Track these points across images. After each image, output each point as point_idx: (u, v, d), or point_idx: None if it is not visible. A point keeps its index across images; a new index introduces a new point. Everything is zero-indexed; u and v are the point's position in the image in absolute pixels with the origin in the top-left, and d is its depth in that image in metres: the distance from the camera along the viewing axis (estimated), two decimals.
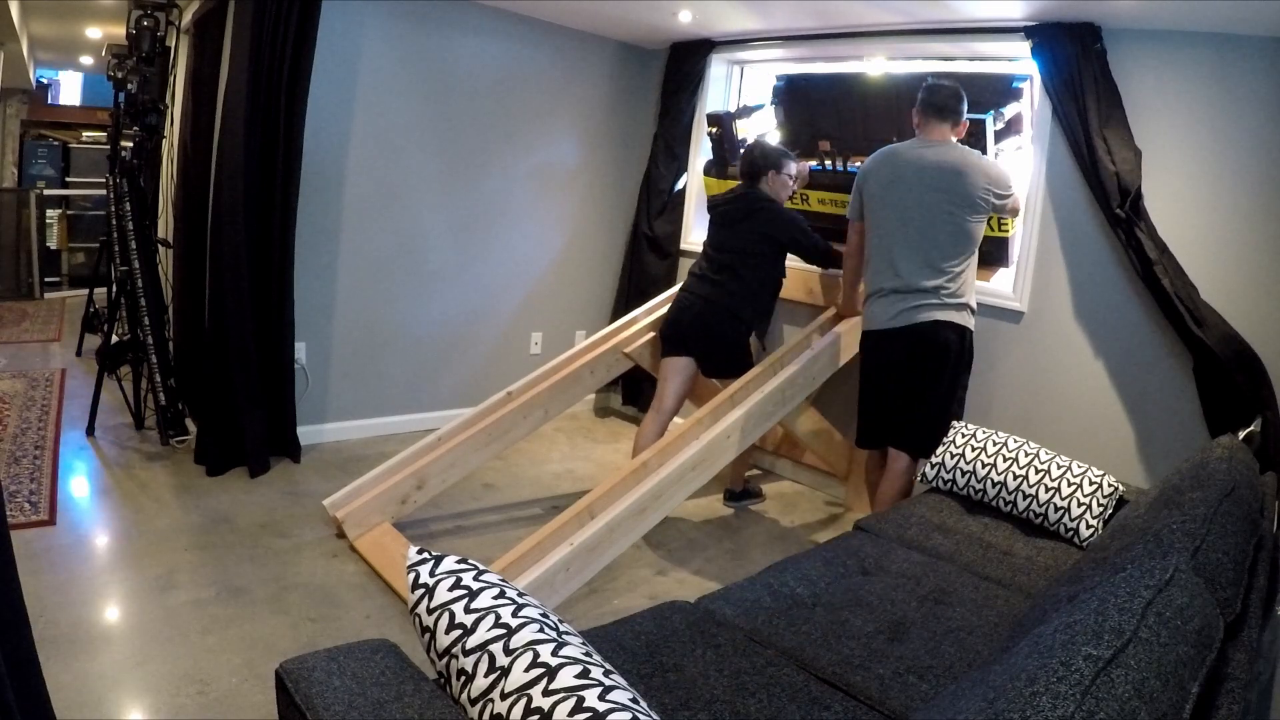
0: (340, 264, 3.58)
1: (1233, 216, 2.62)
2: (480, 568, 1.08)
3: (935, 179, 2.60)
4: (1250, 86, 2.56)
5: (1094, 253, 2.91)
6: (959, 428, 2.62)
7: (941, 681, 1.53)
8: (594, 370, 3.32)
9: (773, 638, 1.65)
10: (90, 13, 5.24)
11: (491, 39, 3.83)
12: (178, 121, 3.80)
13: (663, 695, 1.38)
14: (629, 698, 0.88)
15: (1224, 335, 2.55)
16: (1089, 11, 2.70)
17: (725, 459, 2.76)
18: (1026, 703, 0.85)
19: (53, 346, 4.97)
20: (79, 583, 2.30)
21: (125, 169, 3.36)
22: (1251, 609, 1.31)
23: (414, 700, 0.99)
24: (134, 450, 3.34)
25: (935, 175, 2.60)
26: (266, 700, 1.87)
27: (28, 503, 2.74)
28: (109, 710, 1.81)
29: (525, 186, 4.14)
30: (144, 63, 3.31)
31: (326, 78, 3.27)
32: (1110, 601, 1.02)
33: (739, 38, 3.95)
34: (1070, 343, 2.99)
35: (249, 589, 2.38)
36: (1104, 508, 2.27)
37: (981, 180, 2.59)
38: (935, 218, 2.61)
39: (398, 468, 2.88)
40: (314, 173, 3.31)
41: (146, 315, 3.34)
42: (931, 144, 2.66)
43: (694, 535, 3.14)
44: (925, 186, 2.61)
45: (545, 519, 2.54)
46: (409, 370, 3.91)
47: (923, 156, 2.64)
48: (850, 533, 2.32)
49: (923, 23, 3.23)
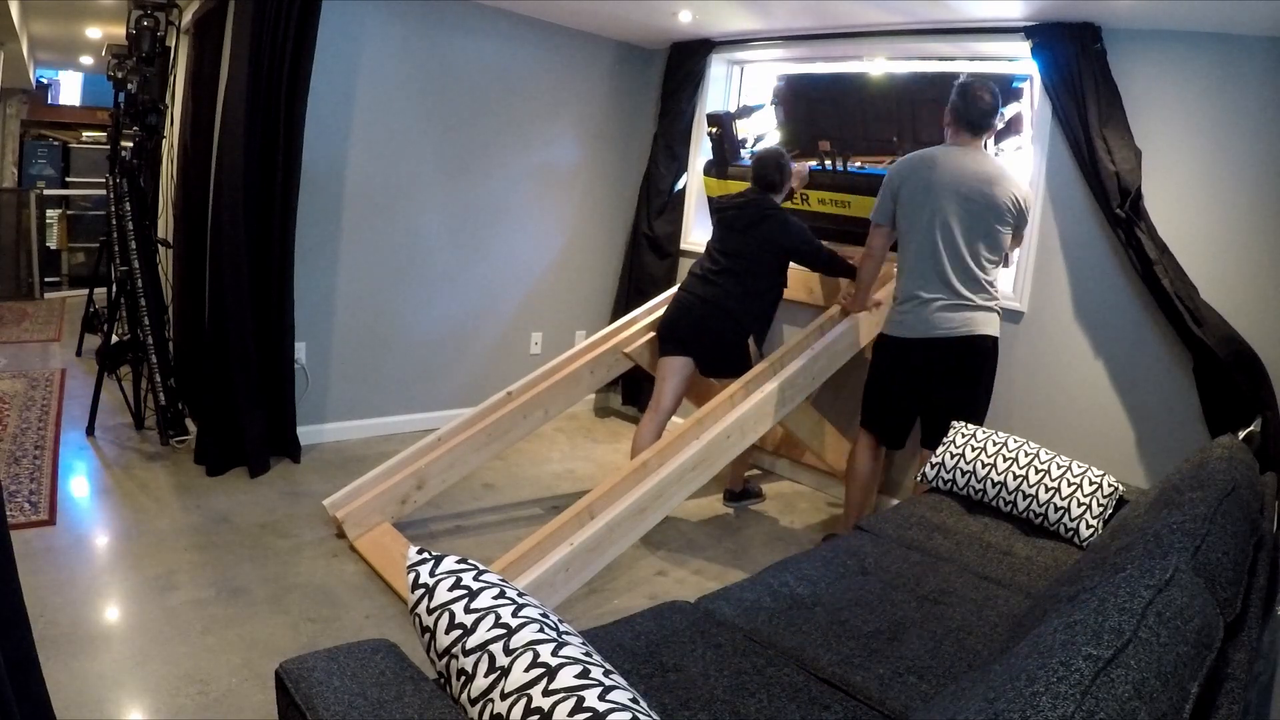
0: (340, 264, 3.58)
1: (1233, 216, 2.62)
2: (480, 568, 1.08)
3: (975, 188, 2.60)
4: (1250, 86, 2.56)
5: (1094, 253, 2.91)
6: (959, 427, 2.62)
7: (941, 681, 1.53)
8: (594, 370, 3.32)
9: (773, 638, 1.65)
10: (90, 13, 5.23)
11: (491, 39, 3.83)
12: (178, 121, 3.80)
13: (663, 695, 1.38)
14: (629, 698, 0.88)
15: (1224, 335, 2.55)
16: (1089, 11, 2.70)
17: (725, 459, 2.76)
18: (1026, 703, 0.85)
19: (53, 346, 4.97)
20: (79, 583, 2.30)
21: (125, 169, 3.36)
22: (1251, 609, 1.31)
23: (414, 700, 0.99)
24: (134, 450, 3.34)
25: (975, 184, 2.60)
26: (266, 700, 1.87)
27: (28, 503, 2.74)
28: (109, 710, 1.81)
29: (526, 186, 4.14)
30: (144, 63, 3.31)
31: (326, 78, 3.27)
32: (1110, 601, 1.02)
33: (739, 38, 3.95)
34: (1070, 343, 2.99)
35: (249, 589, 2.38)
36: (1104, 508, 2.27)
37: (1015, 192, 2.63)
38: (976, 227, 2.62)
39: (398, 468, 2.88)
40: (314, 173, 3.31)
41: (146, 315, 3.34)
42: (968, 151, 2.66)
43: (694, 535, 3.14)
44: (966, 196, 2.60)
45: (545, 519, 2.54)
46: (409, 370, 3.91)
47: (963, 166, 2.62)
48: (850, 533, 2.32)
49: (923, 23, 3.23)
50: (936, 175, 2.63)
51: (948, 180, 2.62)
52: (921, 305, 2.68)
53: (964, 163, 2.63)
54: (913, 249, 2.71)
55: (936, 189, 2.63)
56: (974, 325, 2.66)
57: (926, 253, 2.66)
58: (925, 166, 2.67)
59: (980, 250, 2.64)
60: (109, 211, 3.61)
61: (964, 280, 2.64)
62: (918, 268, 2.69)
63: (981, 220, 2.62)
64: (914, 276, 2.70)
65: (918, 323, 2.69)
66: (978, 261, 2.64)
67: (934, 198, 2.63)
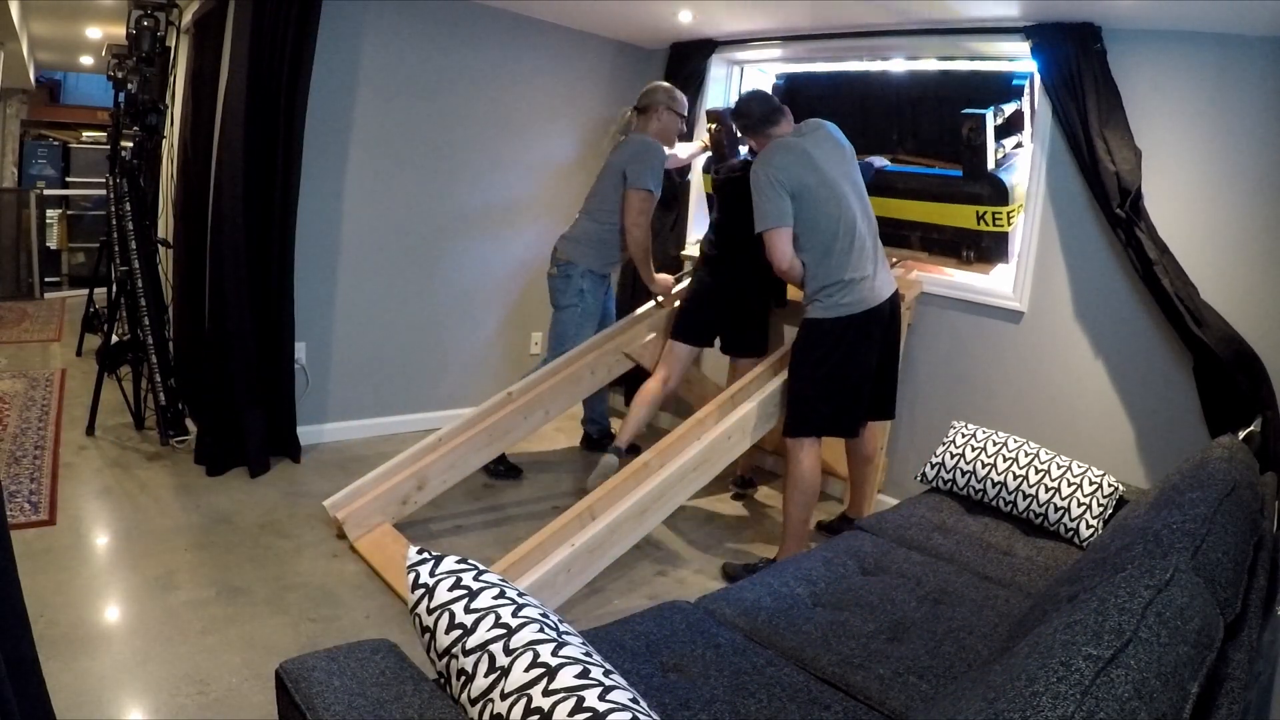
0: (340, 264, 3.58)
1: (1233, 216, 2.62)
2: (480, 568, 1.08)
3: (845, 169, 2.71)
4: (1250, 86, 2.56)
5: (1094, 253, 2.91)
6: (959, 427, 2.62)
7: (941, 681, 1.53)
8: (594, 370, 3.32)
9: (773, 638, 1.65)
10: (90, 13, 5.23)
11: (491, 39, 3.82)
12: (178, 121, 3.80)
13: (663, 695, 1.38)
14: (629, 698, 0.88)
15: (1224, 335, 2.55)
16: (1089, 11, 2.70)
17: (726, 459, 2.76)
18: (1026, 703, 0.85)
19: (53, 346, 4.97)
20: (79, 583, 2.30)
21: (125, 169, 3.36)
22: (1251, 609, 1.31)
23: (414, 700, 0.99)
24: (134, 450, 3.34)
25: (844, 165, 2.72)
26: (266, 700, 1.87)
27: (28, 503, 2.74)
28: (109, 710, 1.81)
29: (526, 186, 4.14)
30: (144, 63, 3.31)
31: (326, 78, 3.27)
32: (1110, 601, 1.02)
33: (739, 38, 3.95)
34: (1070, 343, 2.99)
35: (249, 589, 2.38)
36: (1104, 508, 2.28)
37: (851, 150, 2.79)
38: (862, 194, 2.75)
39: (398, 468, 2.88)
40: (314, 172, 3.31)
41: (146, 315, 3.34)
42: (807, 137, 2.71)
43: (694, 535, 3.14)
44: (839, 171, 2.68)
45: (546, 520, 2.54)
46: (409, 370, 3.91)
47: (825, 151, 2.69)
48: (850, 533, 2.32)
49: (923, 23, 3.23)
50: (821, 166, 2.65)
51: (828, 168, 2.66)
52: (856, 283, 2.65)
53: (824, 148, 2.69)
54: (831, 239, 2.64)
55: (829, 180, 2.64)
56: (894, 283, 2.80)
57: (848, 239, 2.64)
58: (805, 162, 2.65)
59: (872, 217, 2.76)
60: (109, 211, 3.61)
61: (880, 251, 2.77)
62: (841, 255, 2.64)
63: (859, 186, 2.75)
64: (839, 264, 2.64)
65: (866, 294, 2.67)
66: (875, 232, 2.76)
67: (828, 187, 2.64)
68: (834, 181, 2.65)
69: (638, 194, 3.28)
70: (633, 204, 3.29)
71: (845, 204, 2.65)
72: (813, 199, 2.62)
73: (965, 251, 3.36)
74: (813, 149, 2.67)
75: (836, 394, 2.73)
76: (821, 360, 2.70)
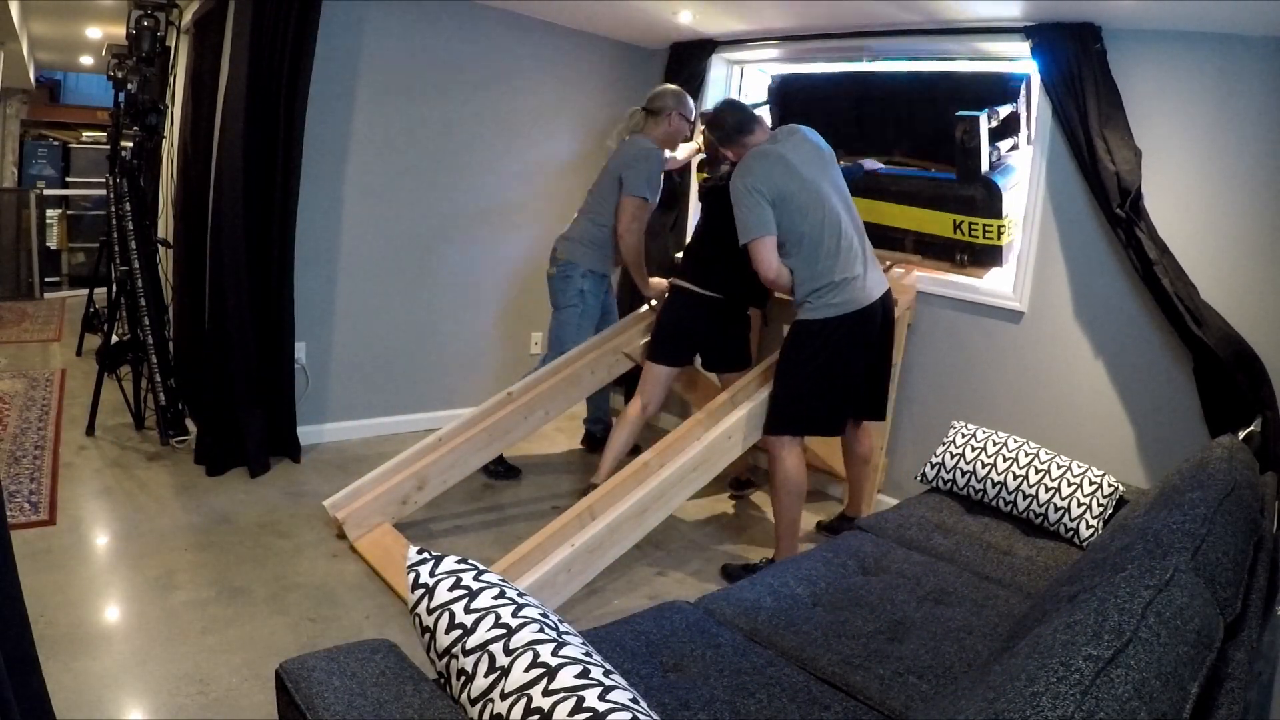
0: (340, 264, 3.58)
1: (1233, 216, 2.62)
2: (480, 568, 1.08)
3: (829, 173, 2.72)
4: (1250, 86, 2.56)
5: (1094, 253, 2.91)
6: (959, 427, 2.62)
7: (941, 681, 1.53)
8: (594, 370, 3.32)
9: (773, 638, 1.65)
10: (90, 13, 5.24)
11: (491, 39, 3.82)
12: (178, 121, 3.80)
13: (663, 695, 1.38)
14: (629, 698, 0.88)
15: (1224, 335, 2.55)
16: (1089, 11, 2.70)
17: (726, 460, 2.76)
18: (1026, 703, 0.85)
19: (53, 346, 4.97)
20: (79, 583, 2.30)
21: (125, 169, 3.36)
22: (1251, 609, 1.31)
23: (414, 700, 0.99)
24: (134, 450, 3.34)
25: (826, 167, 2.72)
26: (266, 700, 1.87)
27: (28, 503, 2.74)
28: (109, 710, 1.81)
29: (526, 186, 4.14)
30: (144, 63, 3.31)
31: (326, 77, 3.27)
32: (1110, 601, 1.02)
33: (740, 38, 3.95)
34: (1070, 343, 2.99)
35: (249, 589, 2.38)
36: (1104, 508, 2.28)
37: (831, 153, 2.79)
38: (845, 196, 2.75)
39: (398, 468, 2.88)
40: (314, 173, 3.31)
41: (146, 315, 3.34)
42: (783, 143, 2.70)
43: (694, 535, 3.14)
44: (819, 174, 2.67)
45: (546, 520, 2.54)
46: (409, 370, 3.91)
47: (803, 156, 2.67)
48: (850, 533, 2.32)
49: (922, 22, 3.23)
50: (801, 171, 2.63)
51: (808, 172, 2.64)
52: (847, 283, 2.64)
53: (801, 152, 2.68)
54: (816, 242, 2.63)
55: (810, 184, 2.62)
56: (886, 282, 2.80)
57: (834, 242, 2.63)
58: (783, 168, 2.62)
59: (858, 217, 2.75)
60: (109, 211, 3.61)
61: (869, 251, 2.76)
62: (829, 258, 2.63)
63: (845, 194, 2.75)
64: (827, 267, 2.63)
65: (857, 293, 2.65)
66: (862, 232, 2.75)
67: (809, 192, 2.62)
68: (815, 185, 2.63)
69: (631, 200, 3.26)
70: (626, 210, 3.27)
71: (828, 207, 2.63)
72: (795, 205, 2.60)
73: (959, 255, 3.35)
74: (790, 154, 2.64)
75: (818, 393, 2.72)
76: (808, 360, 2.69)
